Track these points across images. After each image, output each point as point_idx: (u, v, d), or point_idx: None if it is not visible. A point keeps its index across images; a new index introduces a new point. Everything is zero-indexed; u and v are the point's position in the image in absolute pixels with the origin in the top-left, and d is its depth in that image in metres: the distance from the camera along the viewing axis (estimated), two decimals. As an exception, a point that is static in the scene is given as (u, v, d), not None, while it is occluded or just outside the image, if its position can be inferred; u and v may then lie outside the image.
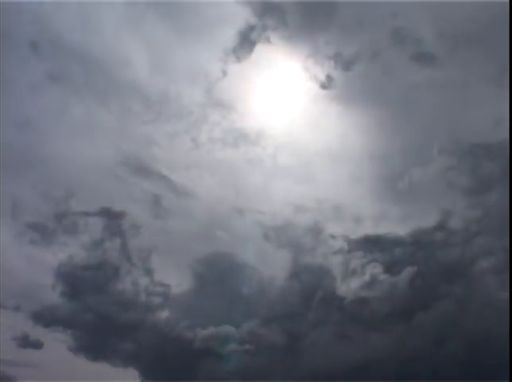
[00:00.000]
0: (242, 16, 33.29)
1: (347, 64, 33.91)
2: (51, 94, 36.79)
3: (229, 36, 33.98)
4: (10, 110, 34.31)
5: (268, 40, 33.72)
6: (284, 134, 39.90)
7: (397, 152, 38.73)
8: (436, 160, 35.91)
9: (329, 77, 34.49)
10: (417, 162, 36.35)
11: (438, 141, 36.09)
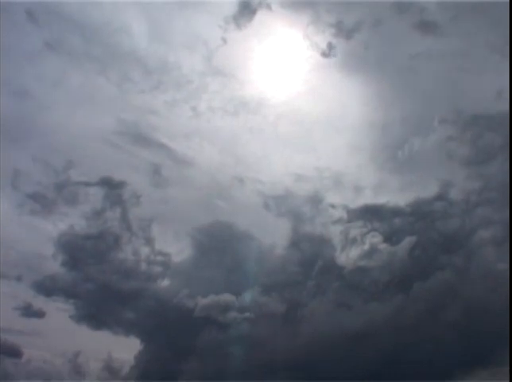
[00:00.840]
0: (243, -17, 32.82)
1: (348, 33, 33.46)
2: (49, 63, 36.41)
3: (229, 3, 33.49)
4: (8, 79, 34.01)
5: (269, 8, 33.22)
6: (284, 102, 39.64)
7: (397, 121, 38.59)
8: (436, 130, 35.77)
9: (330, 45, 34.07)
10: (418, 132, 36.23)
11: (439, 111, 35.88)
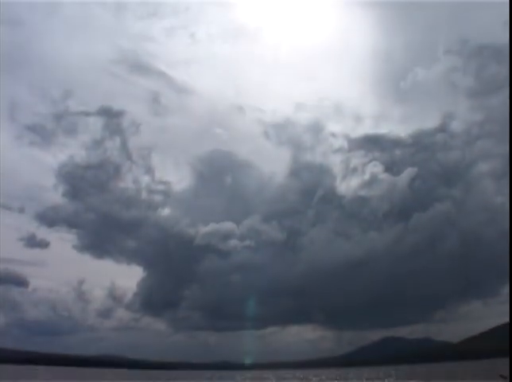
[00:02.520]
0: None
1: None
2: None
3: None
4: (2, 8, 32.80)
5: None
6: (284, 30, 38.42)
7: (401, 51, 37.61)
8: (441, 60, 34.90)
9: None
10: (421, 62, 35.35)
11: (444, 40, 34.77)
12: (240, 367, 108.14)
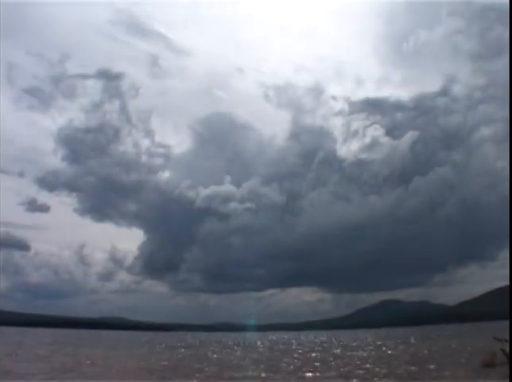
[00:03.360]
0: None
1: None
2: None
3: None
4: None
5: None
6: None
7: (404, 11, 36.87)
8: (444, 22, 34.27)
9: None
10: (424, 24, 34.66)
11: (448, 1, 34.12)
12: (240, 328, 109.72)
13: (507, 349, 5.28)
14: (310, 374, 5.43)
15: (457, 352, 9.95)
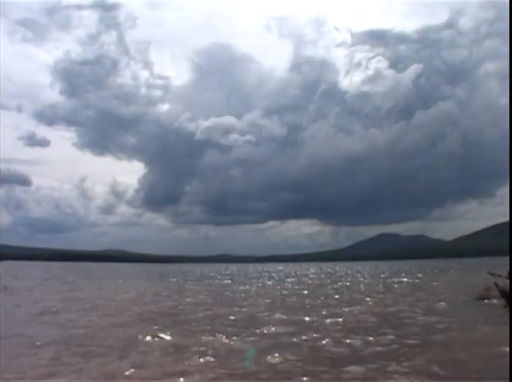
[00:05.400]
0: None
1: None
2: None
3: None
4: None
5: None
6: None
7: None
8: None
9: None
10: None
11: None
12: (239, 260, 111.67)
13: (501, 284, 5.38)
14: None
15: (452, 284, 10.07)
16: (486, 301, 5.77)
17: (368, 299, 6.84)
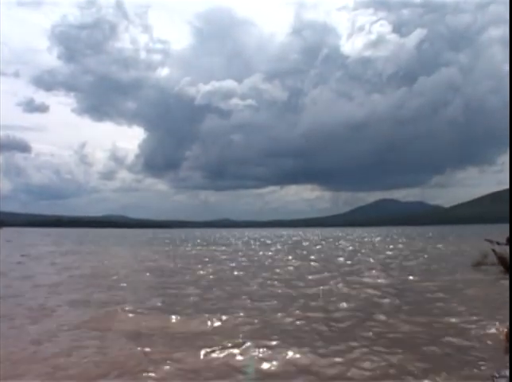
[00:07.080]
0: None
1: None
2: None
3: None
4: None
5: None
6: None
7: None
8: None
9: None
10: None
11: None
12: (239, 225, 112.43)
13: (498, 250, 5.51)
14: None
15: (449, 250, 10.17)
16: (482, 267, 5.86)
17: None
